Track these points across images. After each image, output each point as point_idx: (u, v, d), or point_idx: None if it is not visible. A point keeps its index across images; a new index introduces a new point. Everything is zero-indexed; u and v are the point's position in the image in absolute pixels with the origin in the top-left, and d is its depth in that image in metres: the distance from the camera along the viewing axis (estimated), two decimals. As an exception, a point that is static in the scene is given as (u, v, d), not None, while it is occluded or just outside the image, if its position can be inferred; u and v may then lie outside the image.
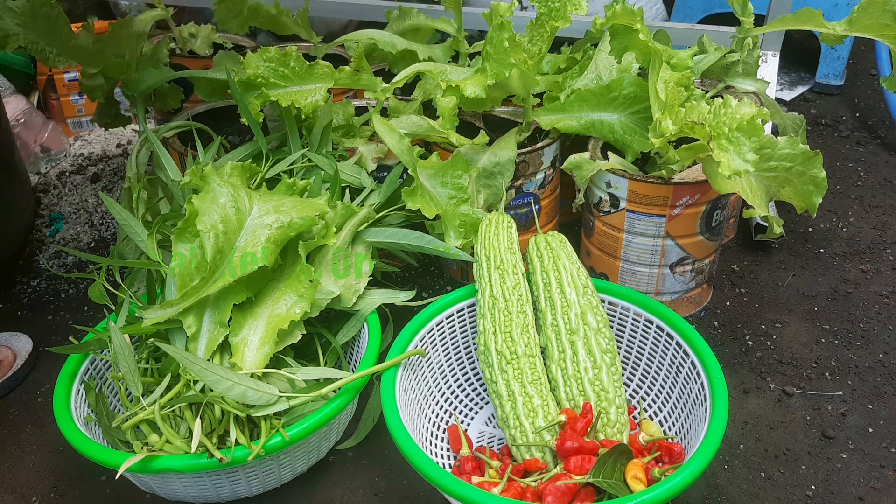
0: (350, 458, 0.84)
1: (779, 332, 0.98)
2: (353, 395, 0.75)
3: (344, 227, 0.85)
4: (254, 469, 0.74)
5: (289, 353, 0.79)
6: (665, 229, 0.90)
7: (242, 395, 0.70)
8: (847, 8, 1.50)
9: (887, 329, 0.98)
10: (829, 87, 1.61)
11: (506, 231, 0.83)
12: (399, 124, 0.94)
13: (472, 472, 0.73)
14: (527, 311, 0.78)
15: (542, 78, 1.02)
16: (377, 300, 0.84)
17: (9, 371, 0.97)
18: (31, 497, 0.83)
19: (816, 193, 0.87)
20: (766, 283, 1.07)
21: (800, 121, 1.11)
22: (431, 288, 1.08)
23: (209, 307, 0.76)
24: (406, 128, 0.94)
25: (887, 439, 0.83)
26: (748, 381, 0.91)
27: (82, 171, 1.41)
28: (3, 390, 0.96)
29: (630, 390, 0.86)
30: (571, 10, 0.88)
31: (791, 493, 0.78)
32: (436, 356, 0.84)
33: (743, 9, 1.00)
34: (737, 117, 0.77)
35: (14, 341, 1.01)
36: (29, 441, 0.90)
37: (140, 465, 0.68)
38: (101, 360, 0.83)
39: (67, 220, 1.28)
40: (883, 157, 1.37)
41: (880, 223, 1.19)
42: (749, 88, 1.06)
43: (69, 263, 1.19)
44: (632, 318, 0.83)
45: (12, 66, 1.50)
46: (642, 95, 0.91)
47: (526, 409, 0.73)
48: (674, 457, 0.72)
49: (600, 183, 0.92)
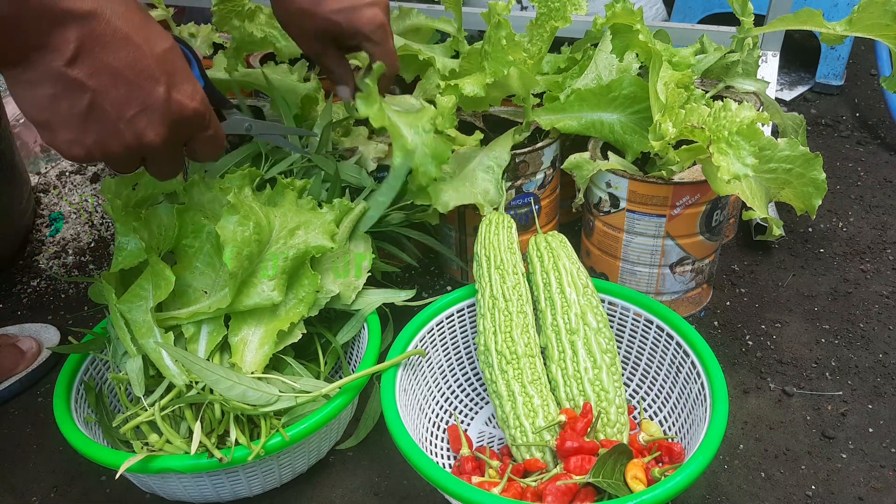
0: (350, 458, 0.84)
1: (779, 332, 0.98)
2: (353, 395, 0.75)
3: (342, 223, 0.85)
4: (254, 469, 0.74)
5: (289, 352, 0.79)
6: (665, 229, 0.90)
7: (242, 394, 0.70)
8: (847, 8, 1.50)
9: (887, 329, 0.98)
10: (829, 87, 1.61)
11: (506, 231, 0.83)
12: (393, 102, 0.94)
13: (472, 472, 0.73)
14: (527, 311, 0.78)
15: (542, 78, 1.02)
16: (377, 300, 0.84)
17: (33, 363, 0.97)
18: (30, 497, 0.83)
19: (816, 195, 0.87)
20: (766, 283, 1.07)
21: (800, 121, 1.11)
22: (431, 288, 1.08)
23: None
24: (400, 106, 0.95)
25: (887, 439, 0.83)
26: (748, 381, 0.91)
27: (82, 171, 1.41)
28: (28, 382, 0.96)
29: (630, 390, 0.86)
30: (571, 11, 0.88)
31: (791, 493, 0.78)
32: (436, 356, 0.84)
33: (743, 9, 1.00)
34: (737, 121, 0.77)
35: (43, 333, 1.02)
36: (29, 441, 0.90)
37: (140, 465, 0.68)
38: (101, 360, 0.83)
39: (67, 220, 1.28)
40: (883, 157, 1.37)
41: (880, 223, 1.19)
42: (749, 88, 1.06)
43: (69, 263, 1.19)
44: (632, 318, 0.83)
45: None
46: (642, 95, 0.91)
47: (526, 409, 0.73)
48: (674, 457, 0.72)
49: (600, 183, 0.92)
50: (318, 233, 0.79)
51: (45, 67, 0.56)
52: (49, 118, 0.58)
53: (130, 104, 0.59)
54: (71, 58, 0.56)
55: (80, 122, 0.58)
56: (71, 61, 0.56)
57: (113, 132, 0.59)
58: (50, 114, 0.58)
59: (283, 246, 0.77)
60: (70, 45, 0.55)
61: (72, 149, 0.60)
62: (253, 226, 0.74)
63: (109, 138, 0.60)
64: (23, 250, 1.22)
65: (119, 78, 0.58)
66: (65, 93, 0.57)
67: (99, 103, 0.58)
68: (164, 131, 0.62)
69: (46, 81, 0.56)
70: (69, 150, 0.60)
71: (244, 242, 0.73)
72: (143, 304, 0.76)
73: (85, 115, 0.58)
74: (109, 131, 0.59)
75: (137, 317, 0.75)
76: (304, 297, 0.78)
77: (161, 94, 0.60)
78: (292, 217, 0.80)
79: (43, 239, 1.24)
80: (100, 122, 0.59)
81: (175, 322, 0.76)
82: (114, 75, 0.58)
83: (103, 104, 0.58)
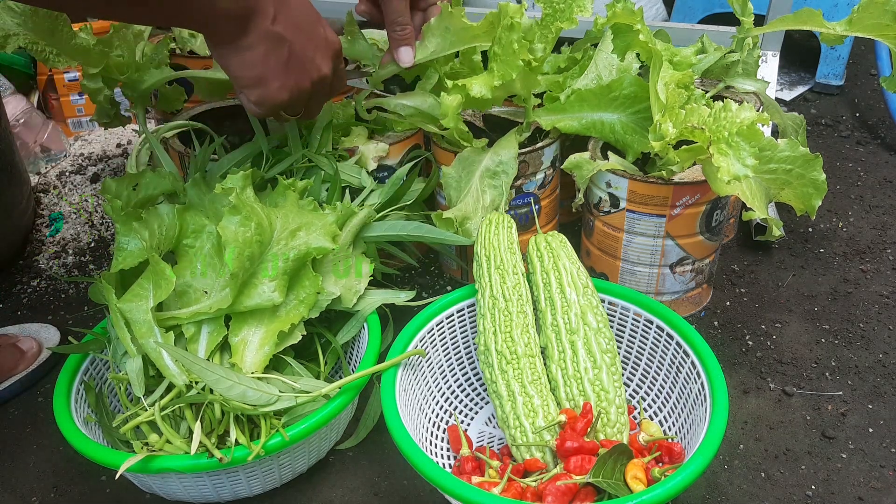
0: (350, 458, 0.84)
1: (779, 332, 0.98)
2: (353, 395, 0.75)
3: (345, 227, 0.85)
4: (254, 469, 0.74)
5: (289, 353, 0.79)
6: (665, 229, 0.90)
7: (242, 394, 0.70)
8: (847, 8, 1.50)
9: (887, 329, 0.98)
10: (829, 87, 1.61)
11: (506, 231, 0.83)
12: (406, 98, 0.95)
13: (472, 472, 0.74)
14: (527, 311, 0.78)
15: (543, 78, 1.02)
16: (377, 300, 0.84)
17: (33, 363, 0.97)
18: (31, 497, 0.83)
19: (816, 196, 0.87)
20: (766, 283, 1.07)
21: (800, 121, 1.11)
22: (431, 288, 1.09)
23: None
24: (412, 101, 0.95)
25: (887, 439, 0.83)
26: (748, 381, 0.91)
27: (82, 171, 1.41)
28: (28, 382, 0.96)
29: (630, 390, 0.86)
30: (577, 12, 0.88)
31: (791, 493, 0.78)
32: (436, 356, 0.84)
33: (743, 9, 1.00)
34: (737, 122, 0.77)
35: (43, 333, 1.01)
36: (29, 441, 0.90)
37: (140, 465, 0.68)
38: (101, 360, 0.83)
39: (67, 220, 1.28)
40: (883, 157, 1.37)
41: (880, 223, 1.19)
42: (749, 88, 1.06)
43: (69, 263, 1.19)
44: (632, 318, 0.83)
45: (12, 66, 1.50)
46: (642, 95, 0.91)
47: (526, 409, 0.73)
48: (674, 457, 0.72)
49: (600, 183, 0.92)
50: (319, 234, 0.79)
51: (260, 29, 0.69)
52: (263, 72, 0.72)
53: (310, 46, 0.74)
54: (273, 17, 0.69)
55: (284, 69, 0.73)
56: (273, 20, 0.70)
57: (305, 71, 0.75)
58: (264, 68, 0.72)
59: (285, 247, 0.77)
60: (271, 8, 0.69)
61: (280, 93, 0.74)
62: (254, 227, 0.74)
63: (303, 77, 0.75)
64: (23, 250, 1.22)
65: (301, 27, 0.73)
66: (273, 47, 0.71)
67: (294, 50, 0.72)
68: (332, 63, 0.78)
69: (260, 42, 0.70)
70: (278, 96, 0.74)
71: (245, 243, 0.73)
72: (143, 304, 0.76)
73: (287, 62, 0.72)
74: (303, 71, 0.74)
75: (137, 317, 0.75)
76: (305, 299, 0.78)
77: (323, 35, 0.76)
78: (294, 218, 0.80)
79: (43, 239, 1.24)
80: (296, 65, 0.73)
81: (175, 322, 0.76)
82: (298, 26, 0.72)
83: (296, 50, 0.73)
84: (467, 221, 0.89)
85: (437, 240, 0.87)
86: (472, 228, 0.88)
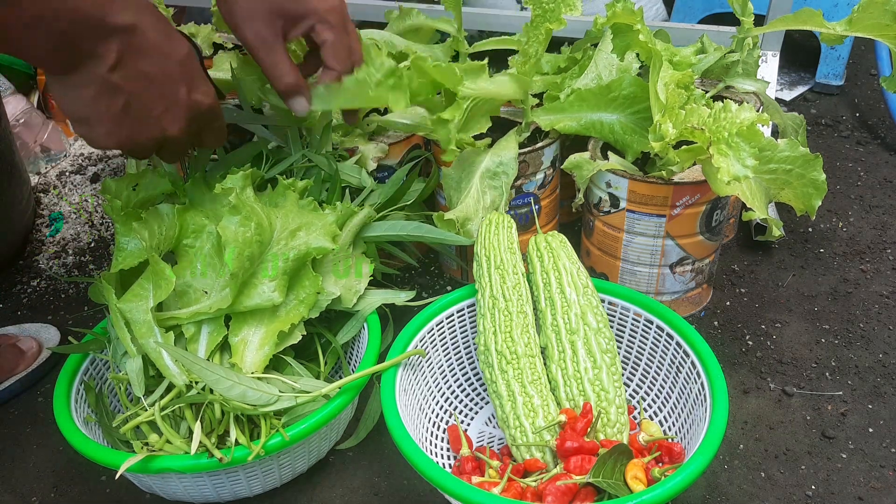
0: (350, 458, 0.84)
1: (779, 332, 0.98)
2: (353, 395, 0.75)
3: (345, 227, 0.85)
4: (254, 469, 0.74)
5: (289, 353, 0.79)
6: (665, 229, 0.90)
7: (242, 394, 0.70)
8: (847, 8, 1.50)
9: (887, 329, 0.98)
10: (829, 87, 1.61)
11: (506, 231, 0.83)
12: (403, 114, 0.95)
13: (472, 472, 0.74)
14: (527, 311, 0.78)
15: (542, 78, 1.02)
16: (377, 300, 0.84)
17: (33, 363, 0.97)
18: (31, 497, 0.83)
19: (816, 196, 0.87)
20: (766, 283, 1.07)
21: (800, 121, 1.11)
22: (431, 288, 1.09)
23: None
24: (409, 118, 0.95)
25: (887, 439, 0.83)
26: (748, 381, 0.91)
27: (82, 171, 1.41)
28: (28, 382, 0.96)
29: (630, 390, 0.86)
30: (566, 11, 0.88)
31: (791, 493, 0.78)
32: (436, 356, 0.84)
33: (743, 9, 1.00)
34: (737, 122, 0.77)
35: (43, 333, 1.01)
36: (29, 441, 0.90)
37: (140, 465, 0.68)
38: (101, 360, 0.83)
39: (67, 220, 1.28)
40: (883, 157, 1.37)
41: (880, 223, 1.19)
42: (749, 88, 1.06)
43: (69, 263, 1.19)
44: (632, 318, 0.83)
45: (12, 66, 1.49)
46: (642, 95, 0.91)
47: (526, 409, 0.73)
48: (674, 457, 0.72)
49: (600, 183, 0.92)
50: (319, 234, 0.79)
51: (91, 73, 0.64)
52: (89, 115, 0.67)
53: (158, 104, 0.69)
54: (112, 65, 0.64)
55: (115, 119, 0.67)
56: (112, 68, 0.64)
57: (142, 127, 0.69)
58: (90, 111, 0.66)
59: (285, 247, 0.77)
60: (112, 55, 0.64)
61: (106, 140, 0.69)
62: (254, 227, 0.74)
63: (139, 132, 0.69)
64: (23, 250, 1.22)
65: (150, 82, 0.67)
66: (105, 94, 0.65)
67: (132, 103, 0.67)
68: (185, 125, 0.71)
69: (90, 84, 0.64)
70: (103, 142, 0.69)
71: (245, 243, 0.74)
72: (143, 304, 0.76)
73: (120, 112, 0.67)
74: (139, 126, 0.69)
75: (137, 317, 0.75)
76: (305, 299, 0.78)
77: (183, 95, 0.70)
78: (294, 218, 0.80)
79: (43, 239, 1.24)
80: (132, 118, 0.68)
81: (175, 322, 0.76)
82: (146, 80, 0.67)
83: (136, 104, 0.67)
84: (468, 222, 0.89)
85: (437, 240, 0.87)
86: (473, 229, 0.88)
